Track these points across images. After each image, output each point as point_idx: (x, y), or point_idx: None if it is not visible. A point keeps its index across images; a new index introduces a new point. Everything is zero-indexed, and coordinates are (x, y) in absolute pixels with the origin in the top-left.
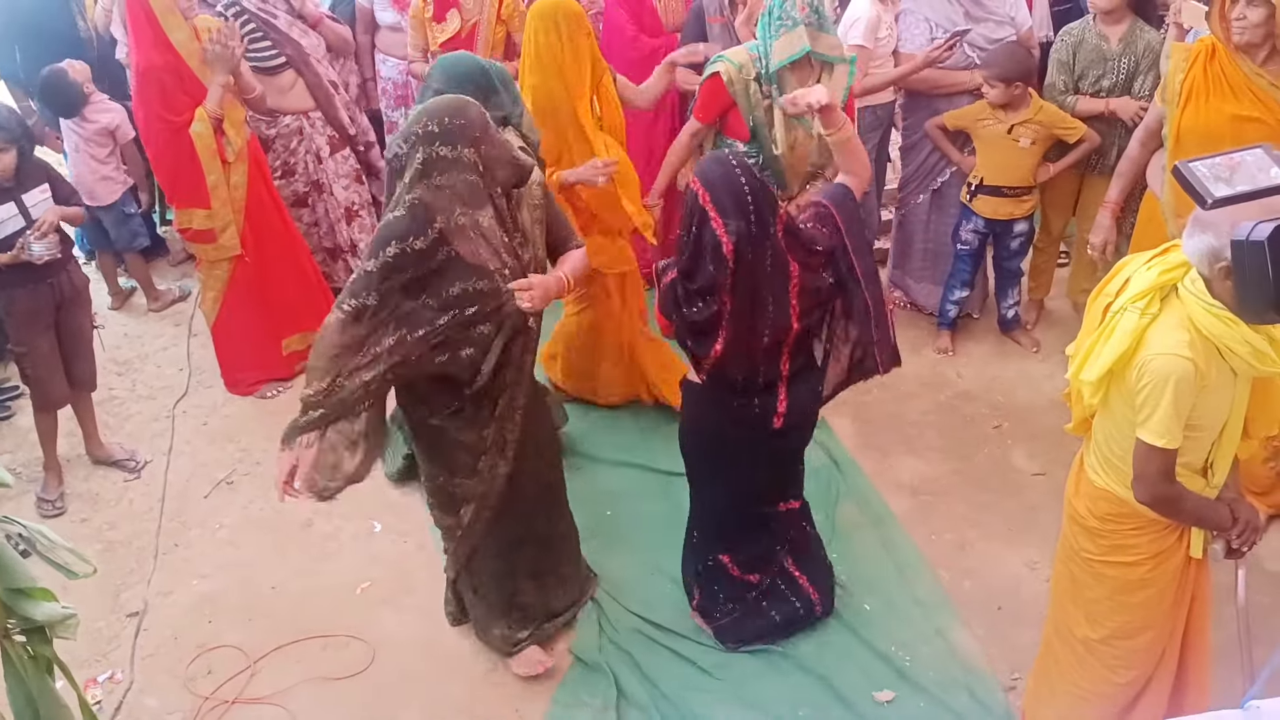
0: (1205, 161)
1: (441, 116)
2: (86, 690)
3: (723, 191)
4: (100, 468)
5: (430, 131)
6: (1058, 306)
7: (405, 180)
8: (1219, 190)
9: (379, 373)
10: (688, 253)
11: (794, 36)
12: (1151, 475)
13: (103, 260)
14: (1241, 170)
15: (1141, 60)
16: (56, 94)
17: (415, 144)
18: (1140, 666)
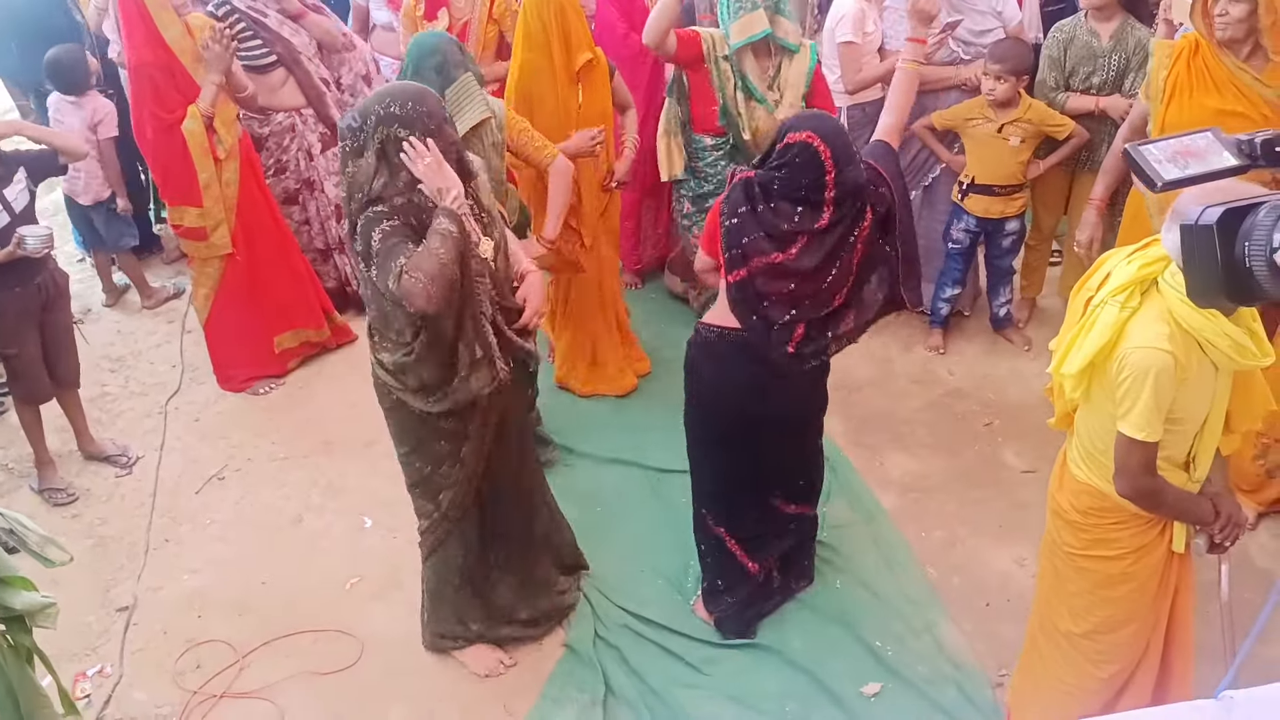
0: (1156, 145)
1: (404, 100)
2: (75, 684)
3: (842, 155)
4: (92, 463)
5: (391, 114)
6: (1050, 305)
7: (361, 162)
8: (1169, 174)
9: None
10: (783, 179)
11: (753, 18)
12: (1132, 469)
13: (98, 258)
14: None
15: (1132, 57)
16: (66, 70)
17: (376, 124)
18: (1123, 660)
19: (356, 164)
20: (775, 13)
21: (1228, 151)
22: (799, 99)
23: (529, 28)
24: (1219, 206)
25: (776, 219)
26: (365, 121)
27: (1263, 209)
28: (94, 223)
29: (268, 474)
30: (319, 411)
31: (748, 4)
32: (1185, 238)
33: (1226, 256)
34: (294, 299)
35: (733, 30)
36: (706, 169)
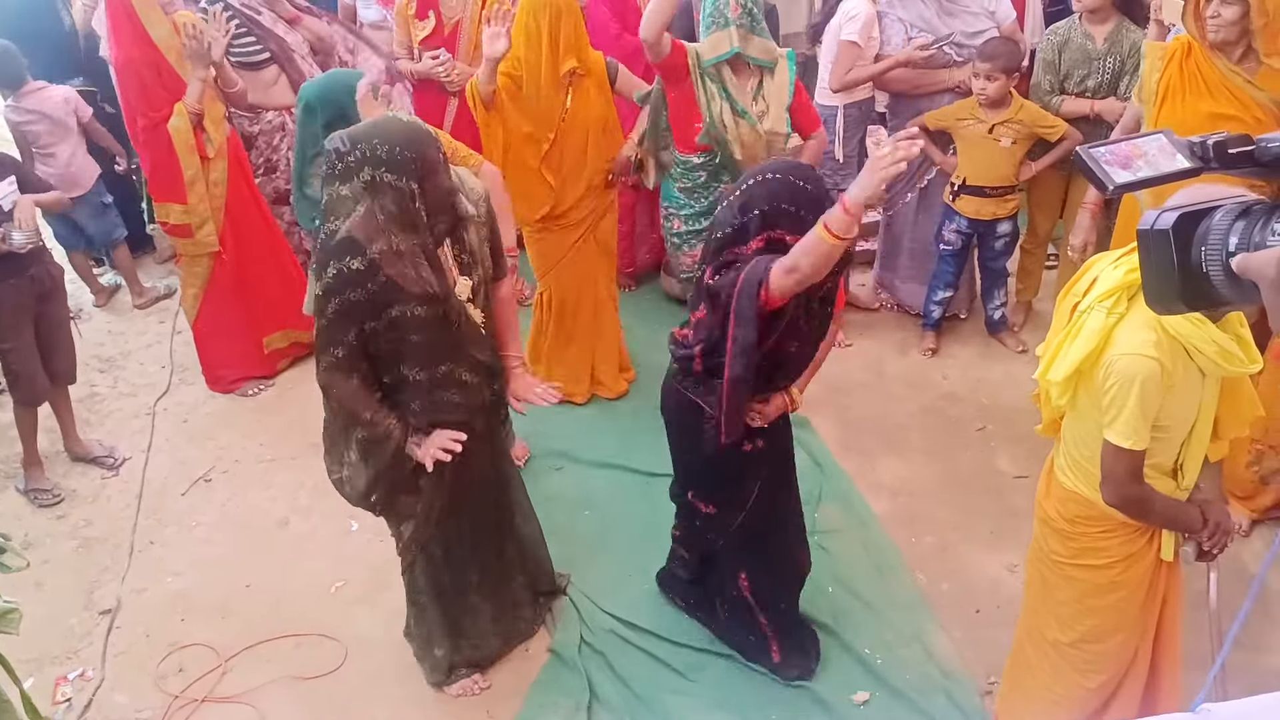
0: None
1: (395, 144)
2: (56, 687)
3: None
4: (79, 464)
5: (378, 156)
6: (1046, 309)
7: (344, 191)
8: (1120, 177)
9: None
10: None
11: (723, 36)
12: (1119, 476)
13: (74, 260)
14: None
15: (1127, 60)
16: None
17: (362, 161)
18: (1111, 670)
19: (335, 190)
20: (749, 31)
21: (1180, 154)
22: (783, 110)
23: (526, 25)
24: (1174, 211)
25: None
26: (354, 152)
27: (1218, 212)
28: (79, 221)
29: (255, 476)
30: (308, 413)
31: (719, 20)
32: (1141, 242)
33: (1183, 262)
34: (283, 299)
35: (705, 47)
36: (699, 189)
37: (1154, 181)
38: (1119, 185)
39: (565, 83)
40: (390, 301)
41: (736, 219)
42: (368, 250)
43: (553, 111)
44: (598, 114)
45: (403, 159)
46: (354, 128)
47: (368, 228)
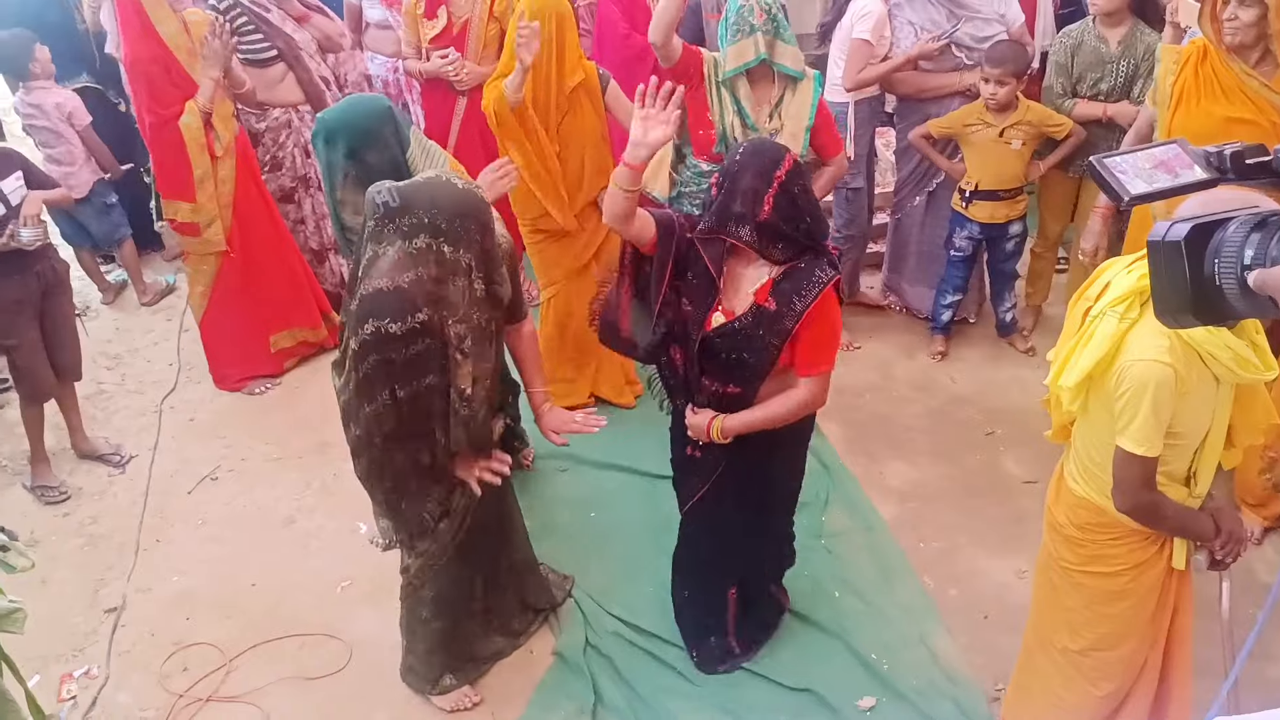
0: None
1: (454, 215)
2: (62, 685)
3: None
4: (85, 462)
5: (437, 226)
6: (1056, 312)
7: (392, 252)
8: (1135, 187)
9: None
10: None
11: (748, 44)
12: (1131, 483)
13: (81, 257)
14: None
15: (1141, 63)
16: (2, 54)
17: (419, 228)
18: (1120, 679)
19: (382, 250)
20: (775, 38)
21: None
22: (802, 130)
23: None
24: (1186, 222)
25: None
26: (409, 216)
27: (1232, 224)
28: (83, 221)
29: (261, 474)
30: (314, 412)
31: (745, 28)
32: (1153, 254)
33: (1196, 274)
34: (290, 298)
35: (728, 55)
36: (700, 194)
37: (1170, 193)
38: (1134, 196)
39: (567, 99)
40: (427, 369)
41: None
42: (413, 315)
43: (549, 121)
44: (591, 126)
45: (464, 231)
46: (407, 186)
47: (415, 292)
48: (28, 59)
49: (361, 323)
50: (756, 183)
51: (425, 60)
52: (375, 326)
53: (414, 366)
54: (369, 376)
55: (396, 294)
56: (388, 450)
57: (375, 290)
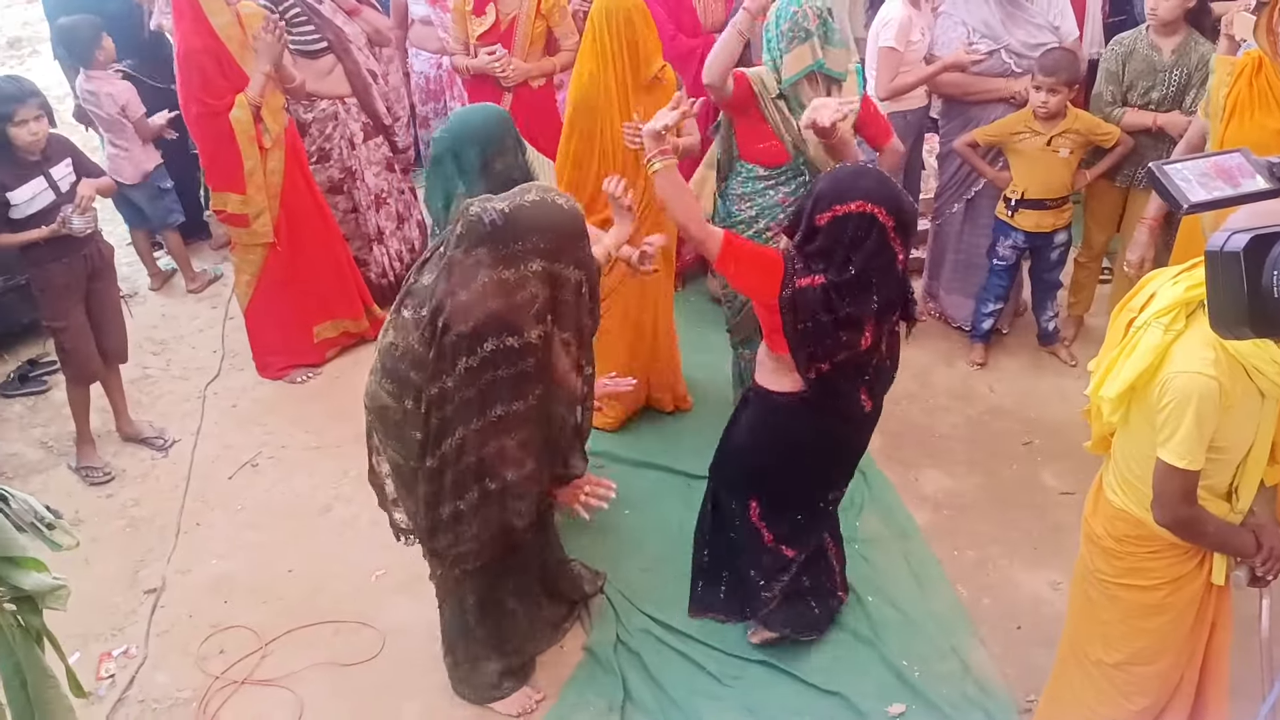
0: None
1: (564, 238)
2: (100, 663)
3: (899, 210)
4: (129, 444)
5: (550, 249)
6: (1098, 324)
7: (498, 272)
8: (1195, 195)
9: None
10: (853, 271)
11: (805, 50)
12: (1172, 497)
13: (136, 239)
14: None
15: (1194, 73)
16: (72, 38)
17: (531, 252)
18: (1155, 694)
19: (497, 274)
20: (825, 43)
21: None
22: (852, 123)
23: (598, 40)
24: (1246, 232)
25: (855, 309)
26: (520, 241)
27: None
28: (137, 203)
29: (300, 462)
30: (354, 402)
31: (799, 34)
32: (1210, 264)
33: (1254, 285)
34: (334, 289)
35: (786, 63)
36: (754, 196)
37: (1230, 201)
38: (1194, 204)
39: (651, 85)
40: (538, 382)
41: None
42: (528, 331)
43: (628, 116)
44: None
45: (574, 250)
46: (515, 209)
47: (529, 309)
48: (95, 46)
49: (479, 342)
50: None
51: (473, 57)
52: (495, 344)
53: (526, 380)
54: (484, 392)
55: (514, 312)
56: (480, 467)
57: (490, 312)
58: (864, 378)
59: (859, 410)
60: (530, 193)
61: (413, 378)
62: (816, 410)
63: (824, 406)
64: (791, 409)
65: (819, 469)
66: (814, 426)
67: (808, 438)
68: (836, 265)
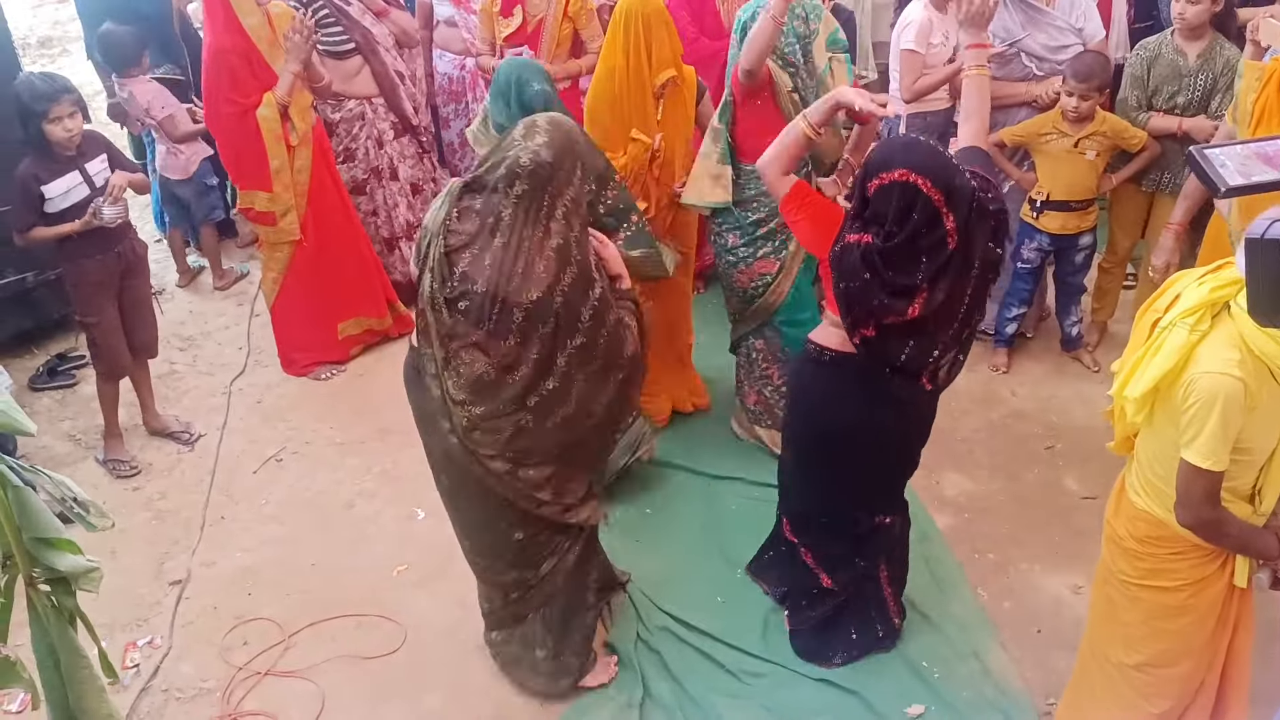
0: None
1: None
2: (125, 653)
3: (947, 183)
4: (156, 438)
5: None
6: (1122, 329)
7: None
8: (1233, 179)
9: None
10: (902, 239)
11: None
12: (1195, 498)
13: (173, 236)
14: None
15: (1220, 78)
16: (112, 46)
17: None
18: (1176, 697)
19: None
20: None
21: None
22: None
23: (617, 37)
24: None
25: (901, 278)
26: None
27: None
28: (183, 198)
29: (324, 458)
30: (377, 399)
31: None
32: (1249, 251)
33: None
34: (359, 287)
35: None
36: (760, 196)
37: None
38: (1232, 188)
39: (658, 94)
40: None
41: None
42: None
43: (647, 122)
44: (681, 122)
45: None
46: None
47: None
48: (136, 59)
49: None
50: None
51: (499, 57)
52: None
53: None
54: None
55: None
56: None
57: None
58: (927, 345)
59: (908, 387)
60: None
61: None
62: (855, 369)
63: (870, 372)
64: (832, 366)
65: (855, 450)
66: (854, 389)
67: (848, 402)
68: (884, 232)
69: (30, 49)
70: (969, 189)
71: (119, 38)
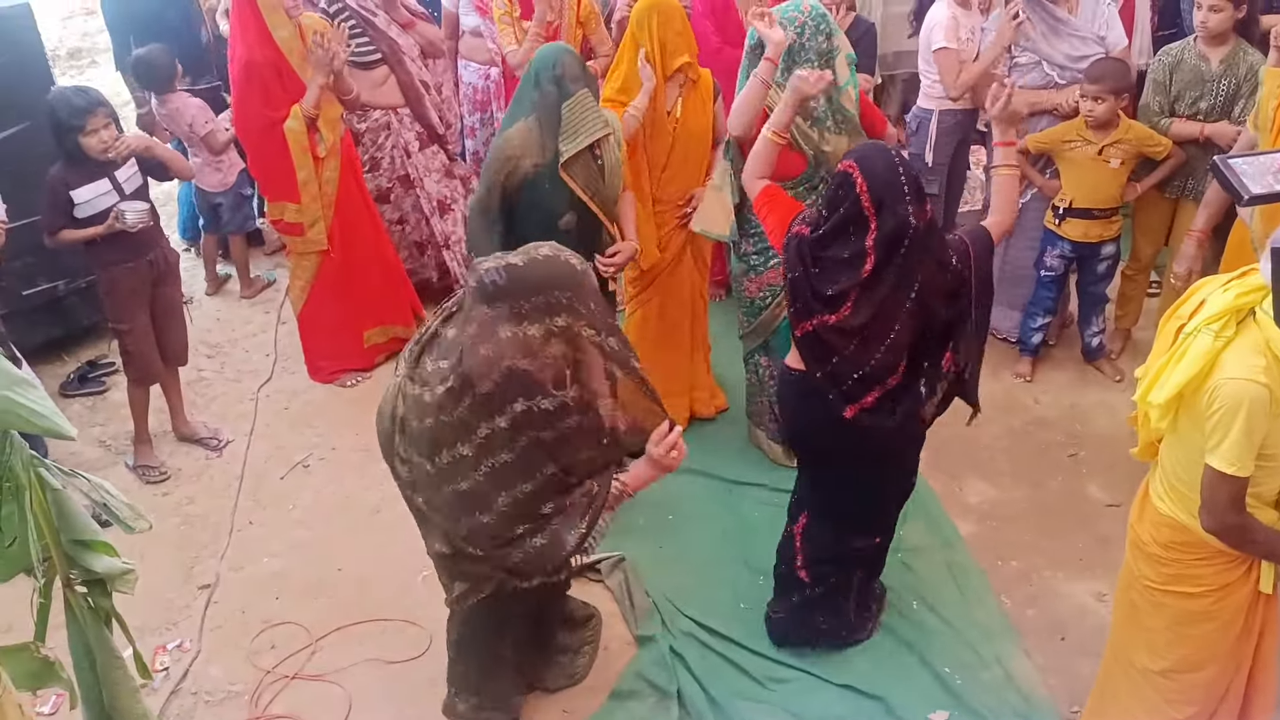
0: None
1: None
2: (155, 656)
3: (882, 183)
4: (184, 444)
5: (561, 304)
6: (1146, 337)
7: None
8: (1256, 187)
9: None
10: (827, 229)
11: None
12: (1220, 504)
13: (207, 244)
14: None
15: (1243, 83)
16: (149, 68)
17: (549, 309)
18: (1201, 703)
19: (520, 330)
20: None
21: None
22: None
23: (632, 33)
24: None
25: (823, 283)
26: (530, 301)
27: None
28: (219, 208)
29: (350, 464)
30: None
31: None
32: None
33: None
34: (385, 296)
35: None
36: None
37: None
38: (1254, 195)
39: (678, 81)
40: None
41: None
42: (560, 389)
43: (661, 119)
44: (703, 126)
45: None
46: (524, 262)
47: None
48: (172, 75)
49: (508, 402)
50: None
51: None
52: (526, 406)
53: (568, 442)
54: (525, 454)
55: (541, 370)
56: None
57: (514, 370)
58: (859, 372)
59: (839, 410)
60: (543, 248)
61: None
62: (807, 392)
63: (810, 387)
64: (794, 384)
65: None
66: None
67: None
68: (817, 219)
69: (60, 60)
70: (904, 214)
71: (153, 59)
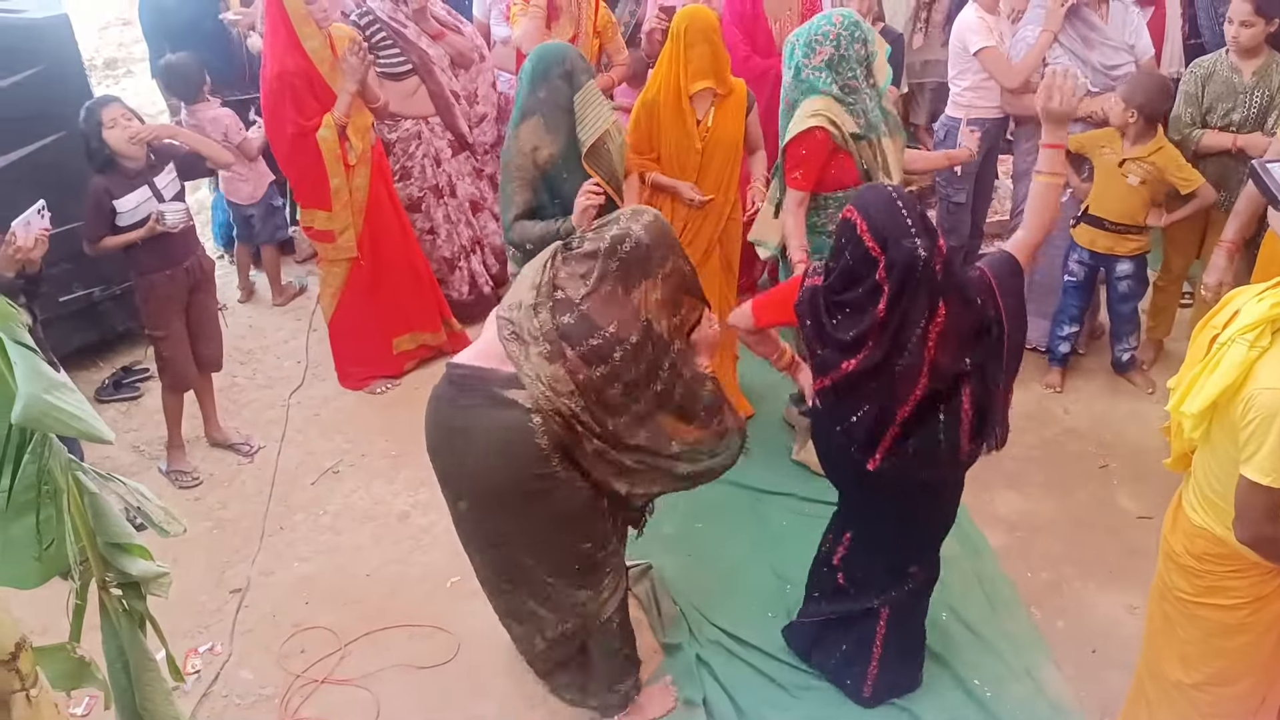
0: None
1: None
2: (187, 659)
3: (882, 219)
4: (216, 450)
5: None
6: (1178, 348)
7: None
8: None
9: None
10: (837, 275)
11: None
12: (1254, 515)
13: (240, 252)
14: None
15: (1276, 95)
16: (177, 77)
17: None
18: (1235, 717)
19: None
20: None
21: None
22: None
23: (668, 47)
24: None
25: (841, 330)
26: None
27: None
28: (251, 219)
29: (380, 470)
30: None
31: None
32: None
33: None
34: (414, 303)
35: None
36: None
37: None
38: None
39: (700, 102)
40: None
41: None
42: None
43: (688, 130)
44: (734, 135)
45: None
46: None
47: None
48: (201, 83)
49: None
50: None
51: None
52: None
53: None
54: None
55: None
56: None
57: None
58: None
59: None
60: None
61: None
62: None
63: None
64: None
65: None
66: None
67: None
68: (827, 269)
69: (96, 70)
70: (910, 246)
71: (181, 68)
